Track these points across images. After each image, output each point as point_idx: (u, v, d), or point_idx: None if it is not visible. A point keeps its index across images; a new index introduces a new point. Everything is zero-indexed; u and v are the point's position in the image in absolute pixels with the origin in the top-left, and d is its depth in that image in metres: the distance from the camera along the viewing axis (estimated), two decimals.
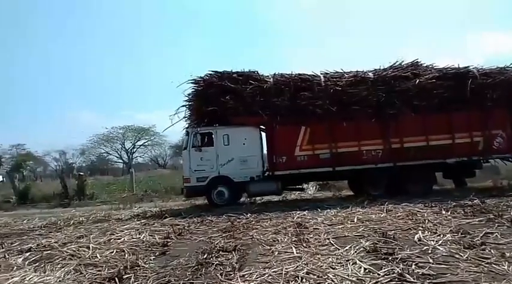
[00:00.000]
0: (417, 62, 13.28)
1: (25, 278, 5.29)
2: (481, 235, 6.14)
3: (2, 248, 7.61)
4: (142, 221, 10.04)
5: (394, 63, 13.27)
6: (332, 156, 12.56)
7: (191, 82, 12.97)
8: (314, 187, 16.67)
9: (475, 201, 9.32)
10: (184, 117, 13.39)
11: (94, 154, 55.61)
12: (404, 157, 12.40)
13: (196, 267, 5.33)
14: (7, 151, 45.95)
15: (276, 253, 5.87)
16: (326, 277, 4.49)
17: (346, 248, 5.86)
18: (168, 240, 7.46)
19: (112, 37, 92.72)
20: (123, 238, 7.73)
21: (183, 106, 13.26)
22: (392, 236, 6.47)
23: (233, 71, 12.97)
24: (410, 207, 9.44)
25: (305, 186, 14.96)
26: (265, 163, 13.04)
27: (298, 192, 14.87)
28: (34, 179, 32.92)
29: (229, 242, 6.92)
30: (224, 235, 7.70)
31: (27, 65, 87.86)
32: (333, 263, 5.07)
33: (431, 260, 4.95)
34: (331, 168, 12.58)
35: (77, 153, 54.37)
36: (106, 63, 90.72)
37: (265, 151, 13.21)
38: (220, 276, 4.83)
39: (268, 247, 6.30)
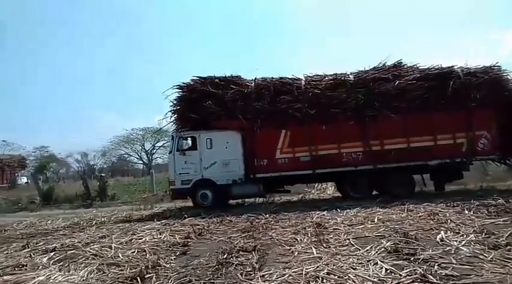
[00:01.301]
0: (400, 62, 13.18)
1: (50, 277, 5.39)
2: (506, 235, 5.97)
3: (28, 247, 7.77)
4: (163, 221, 10.15)
5: (378, 65, 13.24)
6: (312, 158, 12.67)
7: (176, 88, 13.31)
8: (332, 187, 16.55)
9: (499, 201, 9.09)
10: (171, 122, 13.78)
11: (115, 155, 56.50)
12: (384, 159, 12.36)
13: (217, 267, 5.36)
14: (31, 154, 47.14)
15: (296, 253, 5.86)
16: (347, 277, 4.45)
17: (367, 248, 5.80)
18: (189, 240, 7.52)
19: (132, 39, 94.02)
20: (144, 238, 7.82)
21: (169, 111, 13.57)
22: (413, 236, 6.37)
23: (215, 75, 13.29)
24: (432, 206, 9.28)
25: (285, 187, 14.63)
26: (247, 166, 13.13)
27: (318, 192, 14.84)
28: (57, 180, 33.67)
29: (249, 242, 6.93)
30: (244, 235, 7.72)
31: (52, 68, 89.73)
32: (354, 264, 5.02)
33: (454, 261, 4.85)
34: (311, 171, 12.70)
35: (98, 154, 55.36)
36: (128, 66, 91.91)
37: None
38: (240, 276, 4.84)
39: (288, 247, 6.29)
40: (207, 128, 13.18)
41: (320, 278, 4.49)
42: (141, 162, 56.70)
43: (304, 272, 4.72)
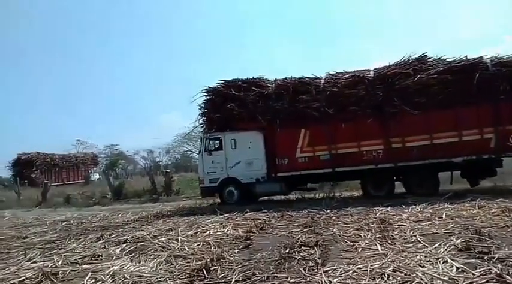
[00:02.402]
0: (425, 56, 12.63)
1: (123, 267, 5.69)
2: None
3: (102, 239, 8.26)
4: (226, 215, 10.38)
5: (402, 59, 12.77)
6: (332, 157, 12.71)
7: (203, 92, 14.02)
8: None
9: None
10: (200, 124, 14.48)
11: (178, 152, 58.49)
12: (405, 157, 12.04)
13: (279, 261, 5.39)
14: (102, 152, 50.23)
15: (360, 249, 5.75)
16: (414, 275, 4.28)
17: (435, 246, 5.54)
18: (251, 234, 7.63)
19: (191, 38, 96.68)
20: (208, 232, 8.07)
21: (199, 114, 14.28)
22: (487, 234, 5.98)
23: (239, 78, 13.85)
24: (506, 202, 8.70)
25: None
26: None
27: None
28: (126, 177, 35.56)
29: (311, 237, 6.91)
30: (305, 230, 7.70)
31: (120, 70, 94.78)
32: (422, 261, 4.82)
33: None
34: (331, 169, 12.76)
35: (163, 151, 57.64)
36: (186, 65, 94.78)
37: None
38: (303, 271, 4.84)
39: (351, 243, 6.20)
40: (231, 129, 13.77)
41: (386, 276, 4.36)
42: None
43: (369, 269, 4.62)
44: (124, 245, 7.34)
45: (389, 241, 6.10)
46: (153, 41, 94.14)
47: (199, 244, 6.89)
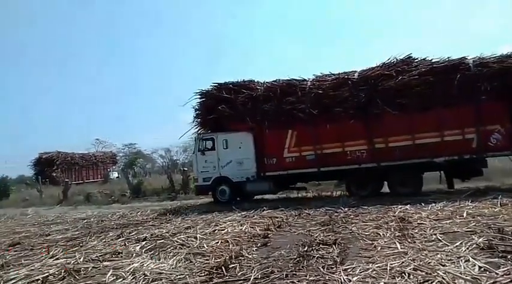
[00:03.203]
0: (410, 57, 12.66)
1: (143, 264, 5.78)
2: None
3: (122, 237, 8.40)
4: (243, 213, 10.41)
5: (387, 61, 12.80)
6: (317, 157, 12.98)
7: (197, 94, 14.57)
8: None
9: None
10: (194, 125, 14.91)
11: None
12: (388, 157, 12.20)
13: (298, 259, 5.40)
14: (121, 150, 50.91)
15: (379, 248, 5.71)
16: (436, 274, 4.22)
17: (457, 244, 5.47)
18: (268, 232, 7.66)
19: (207, 39, 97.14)
20: (226, 230, 8.13)
21: (193, 115, 14.80)
22: (510, 232, 5.87)
23: (230, 81, 14.32)
24: None
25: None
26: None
27: None
28: (144, 175, 35.96)
29: (329, 235, 6.90)
30: (323, 228, 7.69)
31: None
32: (443, 260, 4.76)
33: None
34: (317, 169, 13.04)
35: (180, 150, 58.12)
36: (204, 65, 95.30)
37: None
38: (322, 269, 4.83)
39: (370, 242, 6.16)
40: (223, 130, 14.27)
41: (406, 274, 4.32)
42: None
43: (388, 268, 4.58)
44: (143, 242, 7.45)
45: (409, 240, 6.05)
46: (172, 40, 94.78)
47: (218, 242, 6.95)
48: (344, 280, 4.35)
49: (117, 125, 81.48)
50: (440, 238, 5.99)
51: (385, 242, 6.04)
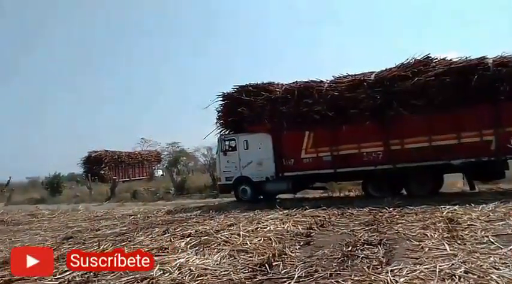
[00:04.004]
0: (428, 57, 12.31)
1: (188, 260, 5.91)
2: None
3: (168, 233, 8.59)
4: (285, 211, 10.39)
5: (405, 61, 12.58)
6: (333, 158, 13.13)
7: (219, 97, 15.05)
8: (464, 180, 15.08)
9: None
10: (217, 127, 15.44)
11: None
12: (404, 158, 12.15)
13: (342, 259, 5.35)
14: (165, 149, 52.19)
15: (427, 249, 5.56)
16: (489, 277, 4.06)
17: (511, 247, 5.22)
18: (311, 231, 7.63)
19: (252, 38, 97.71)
20: (268, 227, 8.15)
21: (216, 117, 15.36)
22: None
23: (251, 83, 14.68)
24: None
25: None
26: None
27: None
28: (187, 173, 36.68)
29: (374, 235, 6.78)
30: (367, 228, 7.56)
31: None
32: (496, 264, 4.57)
33: None
34: (333, 170, 13.19)
35: None
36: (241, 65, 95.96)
37: None
38: (367, 269, 4.76)
39: (417, 243, 6.00)
40: (244, 131, 14.75)
41: (457, 277, 4.18)
42: None
43: (437, 270, 4.45)
44: (188, 238, 7.58)
45: (458, 241, 5.84)
46: (219, 40, 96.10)
47: (261, 240, 6.98)
48: (391, 280, 4.27)
49: (162, 124, 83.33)
50: (492, 240, 5.74)
51: (433, 243, 5.86)
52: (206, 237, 7.56)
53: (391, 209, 9.60)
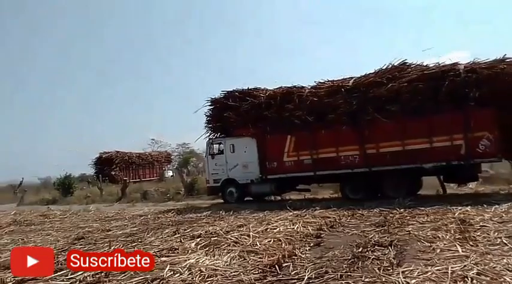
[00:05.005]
0: (404, 63, 12.66)
1: (199, 260, 5.92)
2: None
3: (178, 233, 8.61)
4: (295, 212, 10.36)
5: (383, 67, 12.90)
6: (313, 161, 13.61)
7: (207, 102, 15.77)
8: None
9: None
10: (206, 131, 16.16)
11: None
12: (379, 162, 12.57)
13: (353, 260, 5.31)
14: (175, 150, 52.41)
15: (438, 250, 5.50)
16: (502, 279, 4.00)
17: None
18: (321, 232, 7.60)
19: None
20: (278, 228, 8.12)
21: (204, 121, 16.07)
22: None
23: (237, 89, 15.25)
24: None
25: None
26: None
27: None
28: (197, 173, 36.78)
29: (384, 237, 6.73)
30: (378, 229, 7.51)
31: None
32: (509, 265, 4.50)
33: None
34: (313, 173, 13.64)
35: None
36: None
37: None
38: (378, 271, 4.72)
39: (428, 244, 5.94)
40: (230, 135, 15.50)
41: (469, 279, 4.13)
42: None
43: (449, 271, 4.40)
44: (198, 239, 7.58)
45: (470, 243, 5.78)
46: (231, 41, 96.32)
47: (270, 240, 6.97)
48: (402, 282, 4.23)
49: (172, 125, 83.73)
50: (506, 242, 5.66)
51: (445, 244, 5.80)
52: (216, 238, 7.57)
53: (402, 210, 9.54)
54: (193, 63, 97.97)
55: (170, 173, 42.15)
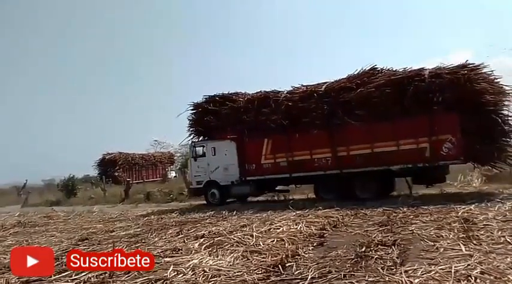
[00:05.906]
0: (374, 68, 13.09)
1: (202, 261, 5.93)
2: None
3: (181, 234, 8.64)
4: (298, 212, 10.36)
5: (354, 72, 13.29)
6: (289, 163, 14.08)
7: (189, 106, 16.20)
8: (479, 179, 14.91)
9: None
10: (189, 134, 16.58)
11: None
12: (350, 164, 12.99)
13: (356, 260, 5.32)
14: (178, 150, 52.43)
15: (442, 249, 5.50)
16: (506, 278, 4.00)
17: None
18: (324, 232, 7.60)
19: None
20: (281, 228, 8.13)
21: (187, 125, 16.48)
22: None
23: (217, 94, 15.74)
24: None
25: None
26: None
27: (461, 185, 13.80)
28: None
29: (388, 236, 6.72)
30: (381, 228, 7.51)
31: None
32: None
33: None
34: (289, 175, 14.16)
35: None
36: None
37: None
38: (381, 270, 4.73)
39: (432, 243, 5.93)
40: (212, 138, 15.94)
41: (473, 278, 4.13)
42: None
43: (453, 270, 4.39)
44: (202, 239, 7.60)
45: (474, 242, 5.76)
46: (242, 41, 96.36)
47: (274, 240, 6.98)
48: (405, 281, 4.24)
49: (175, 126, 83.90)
50: (509, 241, 5.66)
51: (448, 243, 5.79)
52: (219, 238, 7.57)
53: (405, 209, 9.53)
54: (193, 63, 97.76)
55: (173, 174, 42.11)
